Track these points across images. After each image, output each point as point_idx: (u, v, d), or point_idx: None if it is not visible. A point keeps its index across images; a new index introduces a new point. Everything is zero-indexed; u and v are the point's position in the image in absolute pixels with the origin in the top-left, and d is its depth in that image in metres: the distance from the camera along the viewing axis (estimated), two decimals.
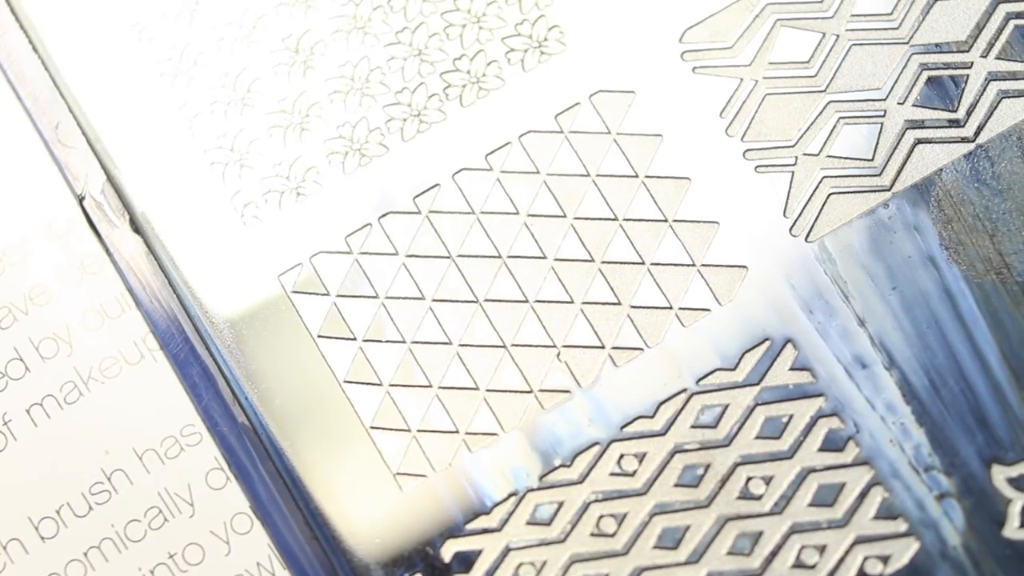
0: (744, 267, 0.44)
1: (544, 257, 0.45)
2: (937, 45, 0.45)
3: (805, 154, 0.45)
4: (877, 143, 0.44)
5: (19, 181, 0.46)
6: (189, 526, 0.44)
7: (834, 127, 0.45)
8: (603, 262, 0.44)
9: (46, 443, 0.44)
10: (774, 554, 0.42)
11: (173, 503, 0.44)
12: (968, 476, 0.42)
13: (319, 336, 0.45)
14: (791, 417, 0.43)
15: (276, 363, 0.44)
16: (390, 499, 0.44)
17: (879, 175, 0.44)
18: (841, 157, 0.44)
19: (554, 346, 0.44)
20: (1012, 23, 0.45)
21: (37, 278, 0.46)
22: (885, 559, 0.42)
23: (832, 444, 0.43)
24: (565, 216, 0.45)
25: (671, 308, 0.44)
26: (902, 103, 0.44)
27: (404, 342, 0.44)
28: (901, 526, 0.42)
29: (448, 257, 0.45)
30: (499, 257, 0.45)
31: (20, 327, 0.45)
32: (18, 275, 0.46)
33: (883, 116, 0.44)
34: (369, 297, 0.45)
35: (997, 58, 0.44)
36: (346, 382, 0.44)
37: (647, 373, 0.44)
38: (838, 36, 0.45)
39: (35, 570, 0.44)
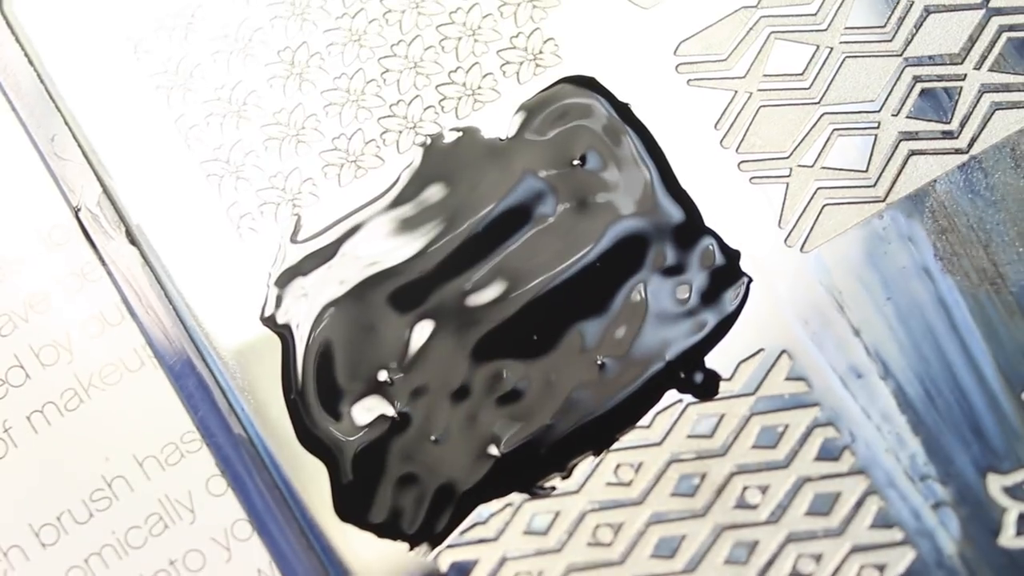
0: None
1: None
2: (930, 57, 0.45)
3: (799, 165, 0.45)
4: (871, 154, 0.44)
5: (16, 192, 0.46)
6: (190, 532, 0.44)
7: (828, 138, 0.45)
8: None
9: (47, 450, 0.44)
10: (770, 563, 0.42)
11: (174, 509, 0.44)
12: (964, 485, 0.42)
13: None
14: (786, 427, 0.43)
15: (271, 374, 0.44)
16: None
17: (873, 186, 0.44)
18: (835, 168, 0.44)
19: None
20: (1005, 35, 0.45)
21: (37, 286, 0.46)
22: (881, 568, 0.42)
23: (828, 453, 0.43)
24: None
25: None
26: (896, 115, 0.45)
27: None
28: (897, 535, 0.42)
29: None
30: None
31: (20, 334, 0.45)
32: (18, 282, 0.46)
33: (877, 128, 0.45)
34: None
35: (990, 70, 0.45)
36: None
37: None
38: (832, 48, 0.45)
39: None
